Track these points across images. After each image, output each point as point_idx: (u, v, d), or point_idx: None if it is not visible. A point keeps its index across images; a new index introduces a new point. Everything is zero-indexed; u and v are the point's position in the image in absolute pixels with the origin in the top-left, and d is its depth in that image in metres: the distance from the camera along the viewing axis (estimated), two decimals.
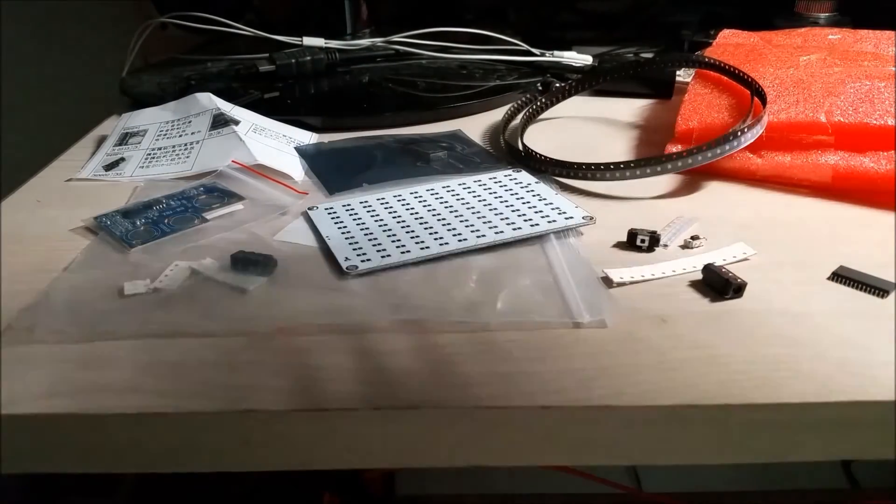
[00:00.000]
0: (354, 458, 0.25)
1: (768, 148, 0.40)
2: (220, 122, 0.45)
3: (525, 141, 0.45)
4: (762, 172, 0.40)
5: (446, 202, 0.38)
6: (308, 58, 0.58)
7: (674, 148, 0.42)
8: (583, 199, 0.39)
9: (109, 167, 0.44)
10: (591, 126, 0.51)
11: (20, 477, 0.45)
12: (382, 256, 0.32)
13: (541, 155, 0.41)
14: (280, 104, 0.53)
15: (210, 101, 0.48)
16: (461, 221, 0.35)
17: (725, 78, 0.45)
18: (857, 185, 0.38)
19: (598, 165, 0.38)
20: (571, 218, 0.35)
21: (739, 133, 0.38)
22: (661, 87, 0.54)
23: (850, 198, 0.38)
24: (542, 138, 0.47)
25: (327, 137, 0.49)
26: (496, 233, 0.34)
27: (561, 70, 0.59)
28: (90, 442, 0.25)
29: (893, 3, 0.57)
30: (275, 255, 0.32)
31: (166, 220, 0.36)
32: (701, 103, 0.44)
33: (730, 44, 0.50)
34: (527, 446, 0.25)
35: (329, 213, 0.37)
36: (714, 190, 0.40)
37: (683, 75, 0.55)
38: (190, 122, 0.47)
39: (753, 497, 0.64)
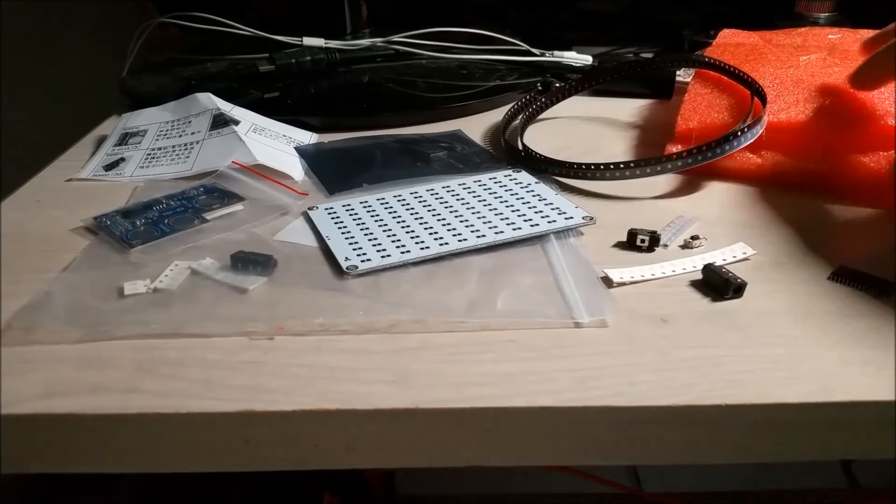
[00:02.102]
0: (354, 458, 0.25)
1: (768, 148, 0.40)
2: (220, 122, 0.45)
3: (525, 141, 0.45)
4: (762, 172, 0.40)
5: (446, 202, 0.38)
6: (308, 58, 0.58)
7: (674, 148, 0.42)
8: (583, 199, 0.39)
9: (109, 167, 0.44)
10: (591, 126, 0.51)
11: (20, 477, 0.45)
12: (382, 256, 0.32)
13: (540, 155, 0.41)
14: (280, 104, 0.53)
15: (210, 101, 0.48)
16: (461, 221, 0.35)
17: (725, 78, 0.45)
18: (857, 186, 0.38)
19: (597, 165, 0.38)
20: (571, 218, 0.35)
21: (739, 133, 0.38)
22: (661, 87, 0.54)
23: (850, 198, 0.38)
24: (542, 138, 0.47)
25: (327, 137, 0.49)
26: (496, 233, 0.34)
27: (561, 70, 0.58)
28: (90, 442, 0.25)
29: (893, 3, 0.57)
30: (275, 255, 0.32)
31: (166, 221, 0.36)
32: (701, 103, 0.44)
33: (730, 43, 0.50)
34: (527, 446, 0.25)
35: (329, 213, 0.37)
36: (714, 190, 0.40)
37: (683, 75, 0.55)
38: (190, 122, 0.47)
39: (753, 497, 0.64)
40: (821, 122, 0.40)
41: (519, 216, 0.36)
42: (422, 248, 0.33)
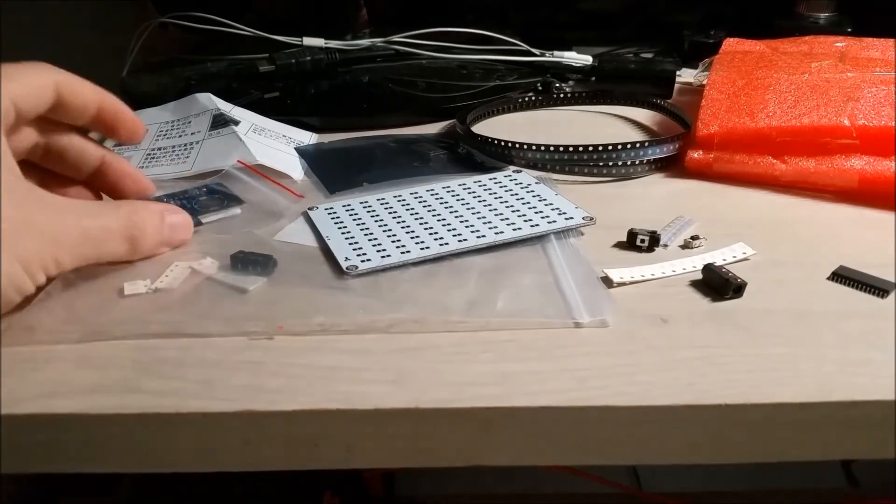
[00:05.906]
0: (354, 458, 0.25)
1: (792, 153, 0.39)
2: (220, 122, 0.45)
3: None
4: (786, 178, 0.39)
5: (446, 202, 0.38)
6: (308, 58, 0.58)
7: (695, 154, 0.41)
8: (583, 199, 0.39)
9: None
10: (591, 126, 0.51)
11: (20, 477, 0.45)
12: (382, 256, 0.32)
13: (481, 136, 0.43)
14: (280, 104, 0.53)
15: (210, 101, 0.47)
16: (461, 221, 0.35)
17: (742, 79, 0.44)
18: (884, 190, 0.37)
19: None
20: (571, 218, 0.35)
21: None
22: (661, 87, 0.54)
23: (876, 203, 0.37)
24: (542, 138, 0.47)
25: (327, 137, 0.49)
26: (496, 233, 0.34)
27: (561, 70, 0.58)
28: (90, 442, 0.25)
29: (893, 2, 0.57)
30: (275, 255, 0.32)
31: None
32: (720, 107, 0.43)
33: (737, 51, 0.50)
34: (527, 446, 0.25)
35: (329, 213, 0.37)
36: (714, 190, 0.40)
37: (684, 76, 0.55)
38: (190, 122, 0.47)
39: (753, 497, 0.64)
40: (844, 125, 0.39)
41: (519, 216, 0.36)
42: (422, 248, 0.33)
